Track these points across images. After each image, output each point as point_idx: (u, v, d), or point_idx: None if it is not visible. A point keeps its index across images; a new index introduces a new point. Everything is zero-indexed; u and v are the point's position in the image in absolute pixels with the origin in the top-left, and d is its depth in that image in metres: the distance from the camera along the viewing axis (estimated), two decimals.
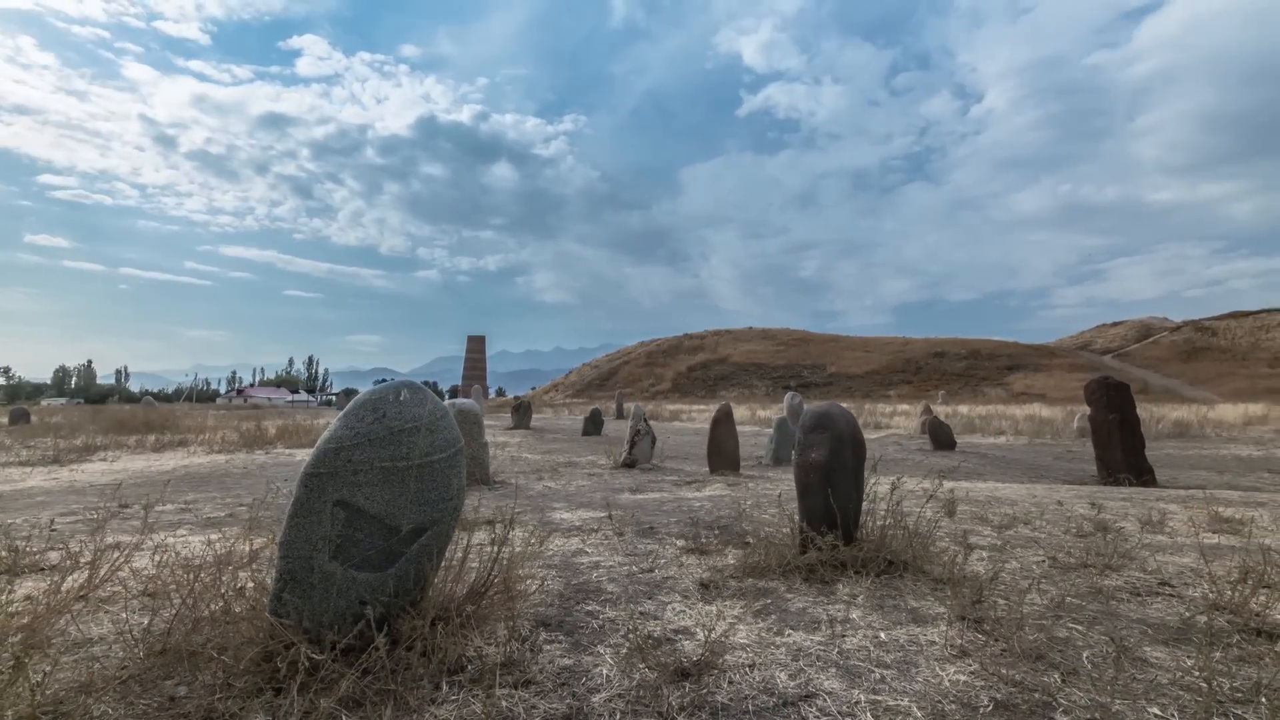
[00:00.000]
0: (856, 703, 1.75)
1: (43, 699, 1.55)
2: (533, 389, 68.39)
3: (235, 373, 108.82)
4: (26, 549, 3.05)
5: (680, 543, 3.66)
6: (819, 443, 3.14)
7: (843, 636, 2.22)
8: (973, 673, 1.92)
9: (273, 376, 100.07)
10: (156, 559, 3.13)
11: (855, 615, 2.43)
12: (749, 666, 1.98)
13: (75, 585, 2.53)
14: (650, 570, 3.10)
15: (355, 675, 1.62)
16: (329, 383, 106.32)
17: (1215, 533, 3.87)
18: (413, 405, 2.18)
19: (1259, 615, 2.31)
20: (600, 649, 2.12)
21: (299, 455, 9.57)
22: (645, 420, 8.33)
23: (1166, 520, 4.15)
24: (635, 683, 1.87)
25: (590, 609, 2.53)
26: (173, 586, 2.66)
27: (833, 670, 1.96)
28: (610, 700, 1.78)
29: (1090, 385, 7.65)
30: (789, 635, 2.25)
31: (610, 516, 4.42)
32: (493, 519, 4.28)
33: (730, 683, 1.87)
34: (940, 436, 11.44)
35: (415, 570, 2.19)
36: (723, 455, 7.42)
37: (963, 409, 24.33)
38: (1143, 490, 6.10)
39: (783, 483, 6.53)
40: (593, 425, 15.30)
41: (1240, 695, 1.74)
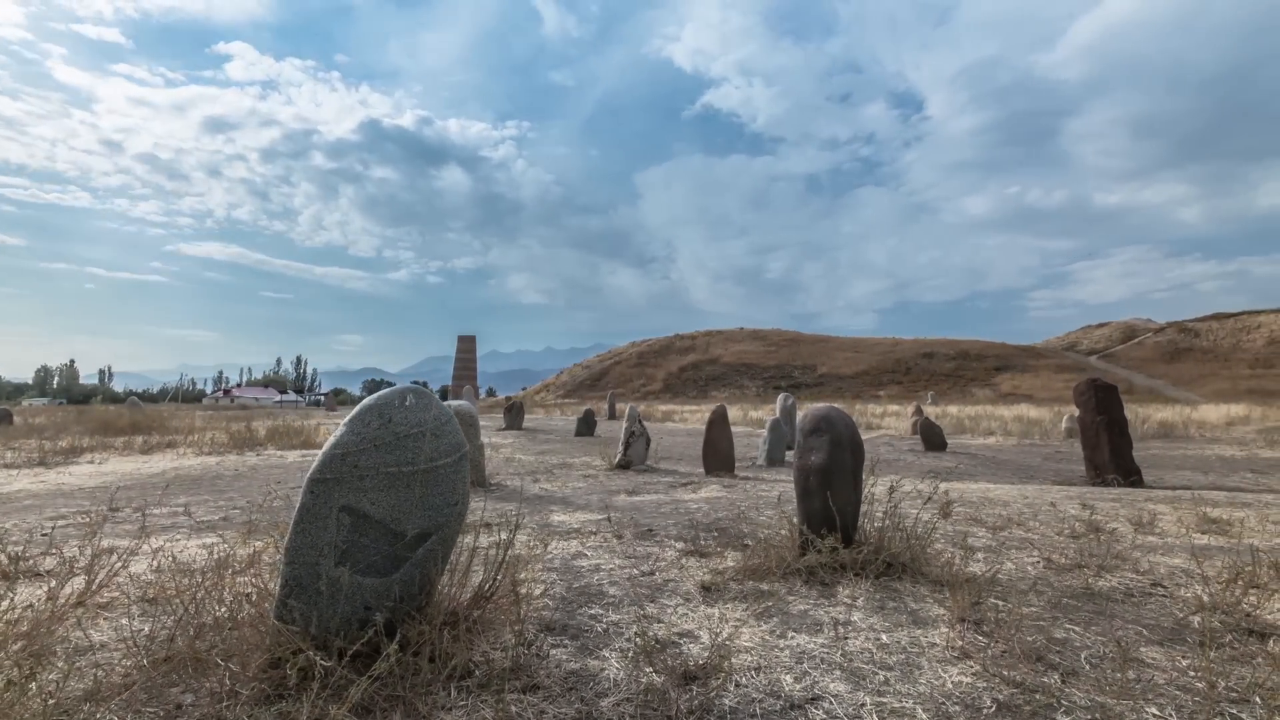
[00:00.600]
0: (862, 705, 1.77)
1: (49, 708, 1.54)
2: (523, 389, 68.21)
3: (222, 372, 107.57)
4: (24, 554, 3.00)
5: (679, 545, 3.67)
6: (818, 446, 3.17)
7: (845, 639, 2.24)
8: (975, 674, 1.95)
9: (260, 376, 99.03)
10: (153, 564, 3.10)
11: (857, 617, 2.45)
12: (754, 670, 2.00)
13: (74, 592, 2.50)
14: (651, 573, 3.11)
15: (365, 682, 1.62)
16: (317, 383, 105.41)
17: (1204, 533, 3.94)
18: (418, 410, 2.18)
19: (1250, 615, 2.36)
20: (606, 653, 2.13)
21: (290, 457, 9.49)
22: (640, 422, 8.34)
23: (1156, 521, 4.22)
24: (643, 687, 1.88)
25: (593, 612, 2.54)
26: (172, 592, 2.65)
27: (837, 673, 1.98)
28: (619, 705, 1.79)
29: (1079, 387, 7.75)
30: (792, 638, 2.27)
31: (609, 519, 4.43)
32: (491, 522, 4.27)
33: (737, 686, 1.89)
34: (931, 437, 11.55)
35: (420, 575, 2.19)
36: (718, 457, 7.45)
37: (952, 409, 24.55)
38: (1131, 491, 6.20)
39: (777, 484, 6.57)
40: (586, 426, 15.29)
41: (1235, 695, 1.78)
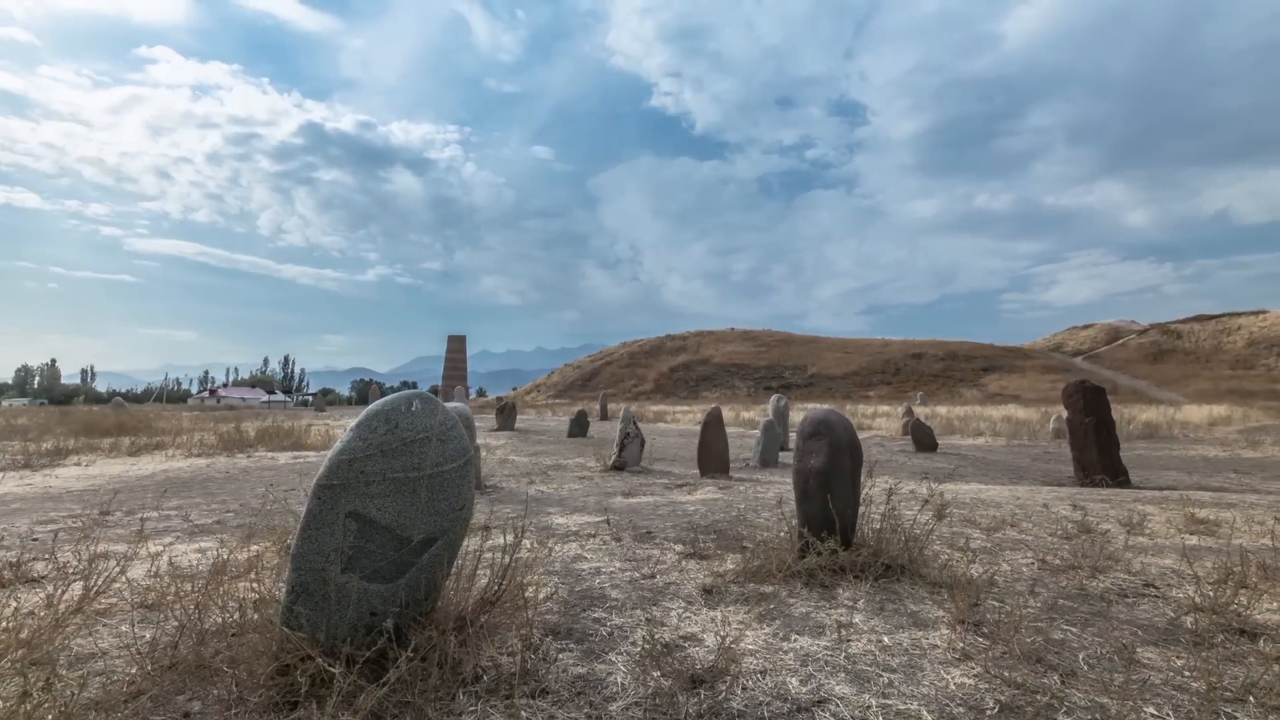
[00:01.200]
0: (868, 707, 1.80)
1: (60, 717, 1.53)
2: (514, 389, 67.95)
3: (208, 372, 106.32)
4: (21, 559, 2.97)
5: (679, 548, 3.69)
6: (818, 449, 3.20)
7: (848, 641, 2.27)
8: (976, 675, 1.98)
9: (247, 376, 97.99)
10: (149, 569, 3.07)
11: (858, 620, 2.48)
12: (760, 673, 2.02)
13: (73, 598, 2.48)
14: (652, 576, 3.13)
15: (377, 689, 1.62)
16: (305, 383, 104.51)
17: (1192, 534, 4.02)
18: (424, 415, 2.19)
19: (1241, 616, 2.42)
20: (612, 657, 2.15)
21: (282, 459, 9.41)
22: (634, 423, 8.35)
23: (1146, 522, 4.29)
24: (651, 691, 1.89)
25: (597, 616, 2.55)
26: (171, 598, 2.63)
27: (842, 675, 2.00)
28: (628, 709, 1.80)
29: (1068, 388, 7.86)
30: (795, 640, 2.29)
31: (608, 522, 4.44)
32: (489, 524, 4.27)
33: (744, 689, 1.91)
34: (922, 438, 11.66)
35: (426, 580, 2.19)
36: (713, 458, 7.48)
37: (941, 410, 24.77)
38: (1119, 491, 6.30)
39: (773, 486, 6.60)
40: (578, 427, 15.29)
41: (1230, 694, 1.83)
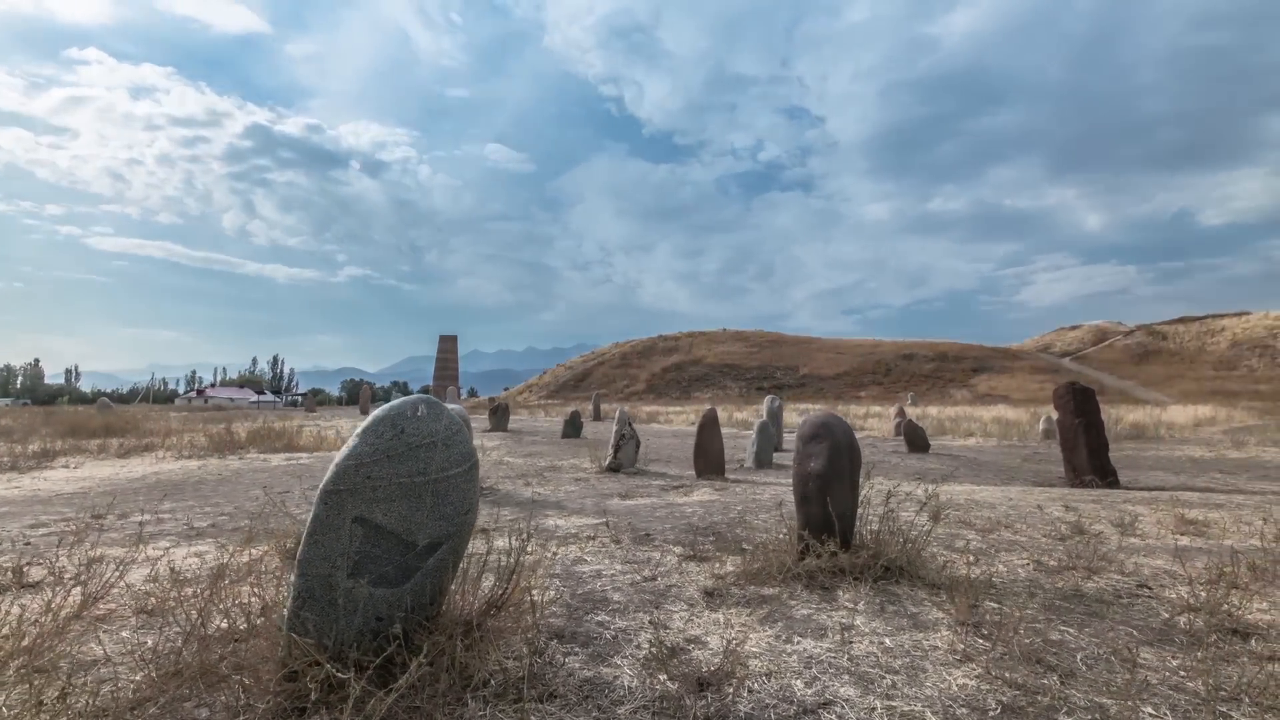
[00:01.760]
0: (873, 709, 1.82)
1: None
2: (505, 389, 67.75)
3: (195, 372, 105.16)
4: (19, 565, 2.93)
5: (678, 550, 3.71)
6: (817, 452, 3.23)
7: (850, 643, 2.30)
8: (978, 677, 2.01)
9: (235, 376, 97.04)
10: (148, 574, 3.05)
11: (859, 622, 2.51)
12: (765, 675, 2.04)
13: (72, 604, 2.46)
14: (653, 579, 3.14)
15: (388, 696, 1.62)
16: (294, 383, 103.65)
17: (1182, 534, 4.09)
18: (430, 420, 2.19)
19: (1233, 616, 2.47)
20: (618, 660, 2.16)
21: (274, 460, 9.34)
22: (630, 424, 8.37)
23: (1137, 523, 4.36)
24: (658, 694, 1.91)
25: (600, 619, 2.57)
26: (171, 604, 2.61)
27: (846, 677, 2.03)
28: (635, 712, 1.81)
29: (1059, 390, 7.95)
30: (798, 642, 2.32)
31: (607, 524, 4.45)
32: (488, 527, 4.27)
33: (750, 692, 1.93)
34: (915, 439, 11.75)
35: (431, 585, 2.20)
36: (708, 460, 7.51)
37: (932, 410, 24.97)
38: (1109, 492, 6.39)
39: (768, 487, 6.64)
40: (572, 428, 15.28)
41: (1224, 694, 1.87)
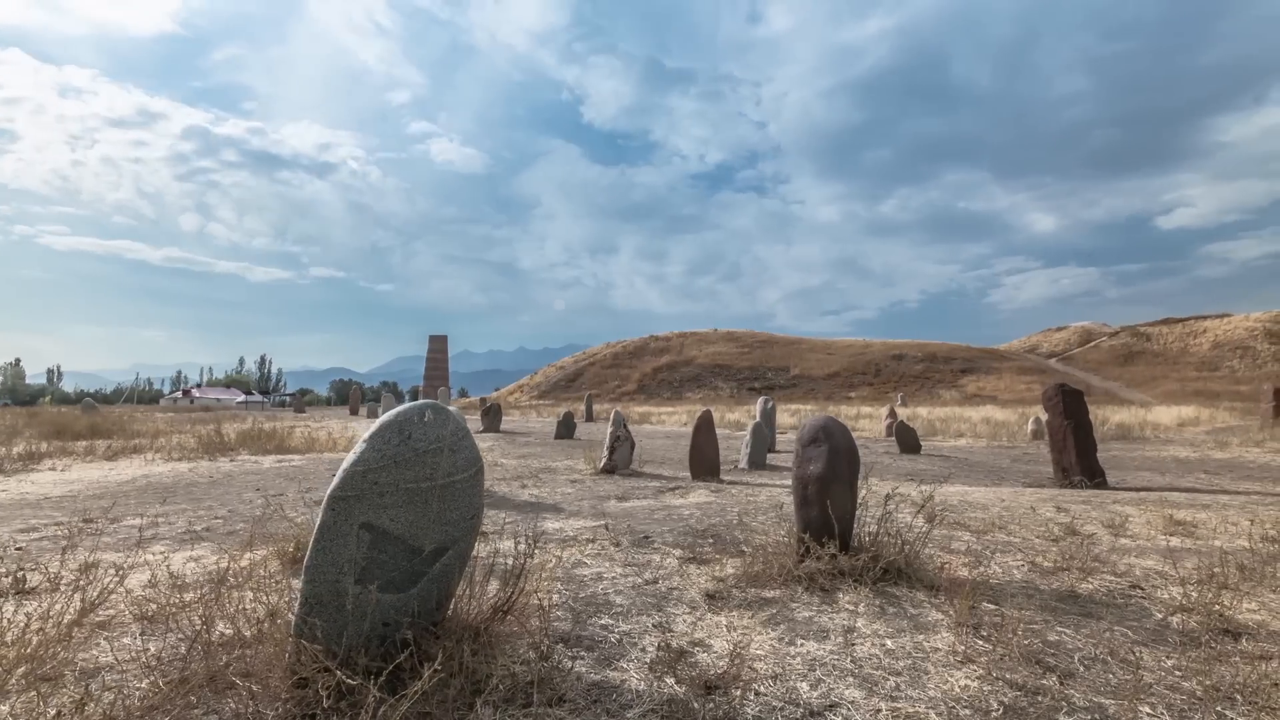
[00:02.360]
0: (878, 711, 1.85)
1: None
2: (496, 389, 67.49)
3: (181, 372, 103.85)
4: (12, 570, 2.90)
5: (678, 552, 3.73)
6: (817, 456, 3.26)
7: (853, 645, 2.32)
8: (979, 678, 2.04)
9: (222, 376, 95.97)
10: (147, 579, 3.02)
11: (861, 624, 2.54)
12: (771, 678, 2.06)
13: (71, 610, 2.43)
14: (654, 581, 3.16)
15: (401, 702, 1.63)
16: (282, 383, 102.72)
17: (1171, 535, 4.16)
18: (436, 426, 2.19)
19: (1224, 616, 2.52)
20: (624, 664, 2.17)
21: (266, 463, 9.26)
22: (625, 426, 8.38)
23: (1127, 524, 4.44)
24: (666, 697, 1.92)
25: (604, 623, 2.58)
26: (172, 610, 2.60)
27: (850, 679, 2.05)
28: (644, 716, 1.83)
29: (1048, 392, 8.06)
30: (802, 645, 2.34)
31: (606, 526, 4.46)
32: (486, 530, 4.26)
33: (757, 695, 1.95)
34: (907, 440, 11.85)
35: (438, 590, 2.20)
36: (703, 461, 7.54)
37: (922, 411, 25.18)
38: (1098, 493, 6.48)
39: (763, 489, 6.68)
40: (565, 429, 15.27)
41: (1219, 694, 1.91)
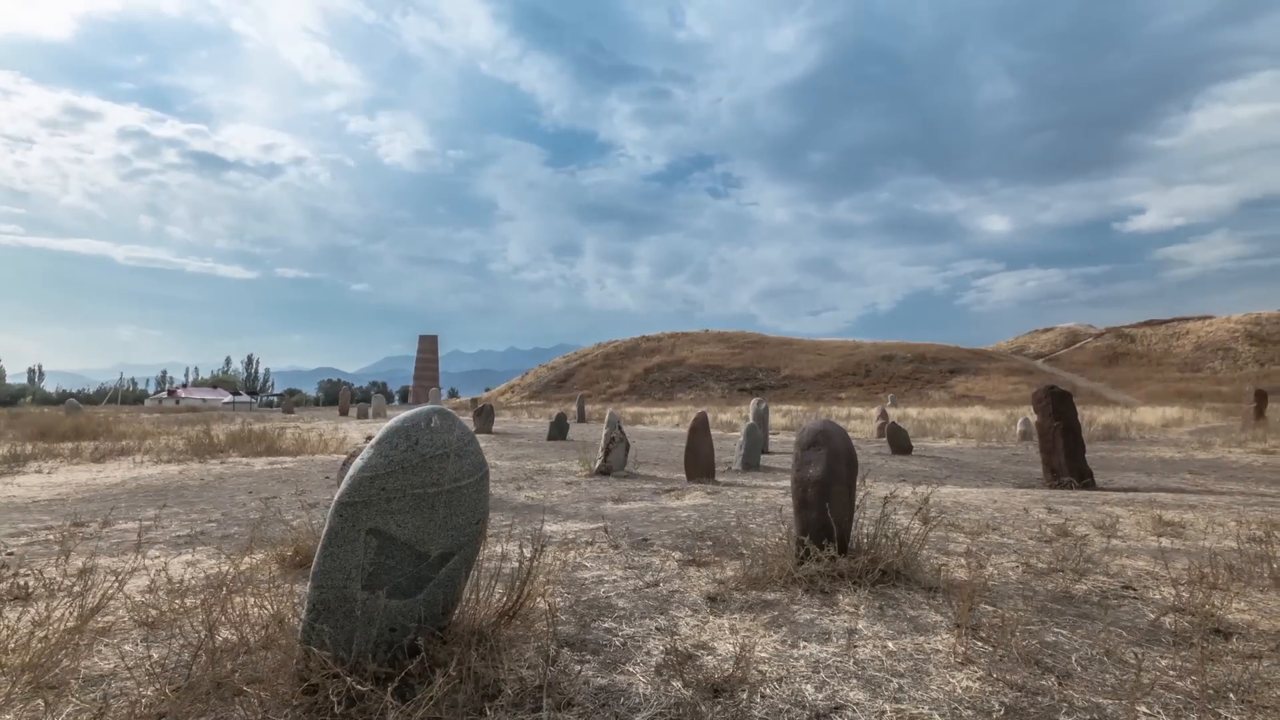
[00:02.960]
0: (883, 713, 1.87)
1: None
2: (486, 390, 67.27)
3: (166, 372, 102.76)
4: (10, 575, 2.87)
5: (678, 555, 3.75)
6: (816, 459, 3.29)
7: (855, 647, 2.35)
8: (980, 679, 2.08)
9: (208, 376, 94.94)
10: (146, 584, 3.00)
11: (861, 626, 2.57)
12: (776, 680, 2.09)
13: (70, 616, 2.41)
14: (655, 584, 3.18)
15: (414, 709, 1.63)
16: (270, 383, 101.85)
17: (1160, 535, 4.24)
18: (443, 431, 2.20)
19: (1215, 616, 2.58)
20: (630, 667, 2.19)
21: (257, 465, 9.18)
22: (619, 427, 8.40)
23: (1117, 524, 4.51)
24: (673, 700, 1.94)
25: (608, 626, 2.59)
26: (172, 615, 2.58)
27: (853, 681, 2.08)
28: (653, 719, 1.85)
29: (1037, 394, 8.17)
30: (804, 647, 2.37)
31: (604, 529, 4.48)
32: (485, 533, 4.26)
33: (763, 697, 1.97)
34: (898, 441, 11.96)
35: (444, 595, 2.21)
36: (699, 463, 7.58)
37: (912, 412, 25.40)
38: (1087, 493, 6.58)
39: (759, 490, 6.72)
40: (558, 430, 15.27)
41: (1213, 693, 1.96)
